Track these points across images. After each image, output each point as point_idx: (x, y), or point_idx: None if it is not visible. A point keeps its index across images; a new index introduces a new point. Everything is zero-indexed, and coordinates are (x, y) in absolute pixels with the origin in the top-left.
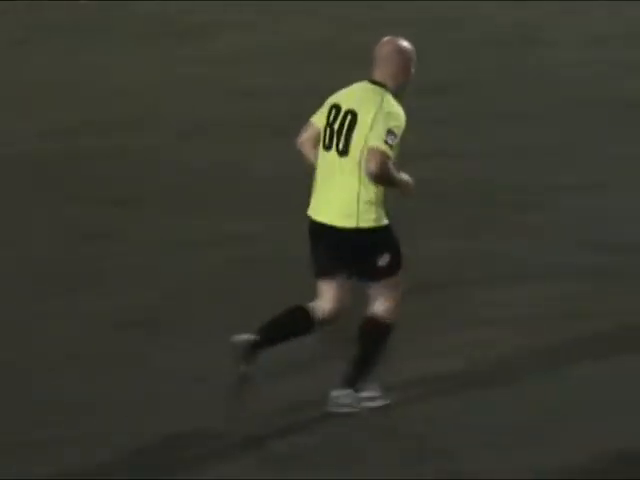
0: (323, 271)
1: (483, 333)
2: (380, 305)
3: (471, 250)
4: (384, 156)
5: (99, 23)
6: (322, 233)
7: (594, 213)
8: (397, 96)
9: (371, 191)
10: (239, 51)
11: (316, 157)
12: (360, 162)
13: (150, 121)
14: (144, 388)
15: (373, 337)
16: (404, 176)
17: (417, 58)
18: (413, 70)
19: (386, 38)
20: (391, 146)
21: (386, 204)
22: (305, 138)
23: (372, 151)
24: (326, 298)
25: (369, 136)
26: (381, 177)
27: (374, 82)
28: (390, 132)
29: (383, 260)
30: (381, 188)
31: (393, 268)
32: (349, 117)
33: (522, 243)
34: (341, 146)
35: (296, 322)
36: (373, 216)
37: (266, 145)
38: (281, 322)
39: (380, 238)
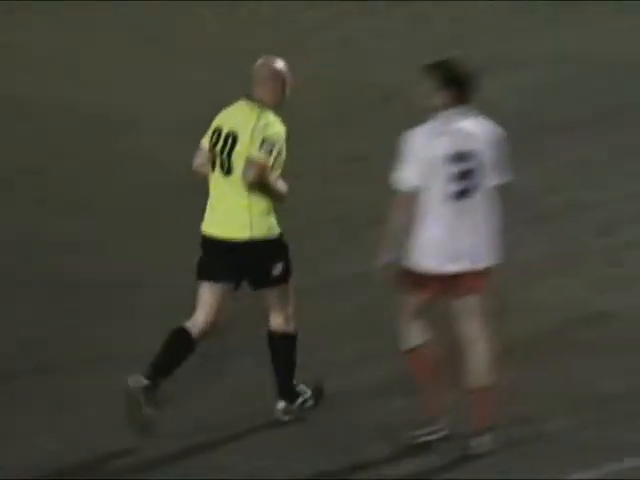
0: (208, 275)
1: None
2: (279, 317)
3: None
4: (260, 164)
5: None
6: (215, 245)
7: None
8: (275, 112)
9: (261, 203)
10: None
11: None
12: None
13: None
14: None
15: (284, 350)
16: (280, 185)
17: None
18: (288, 88)
19: (262, 58)
20: (269, 153)
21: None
22: (199, 164)
23: (249, 160)
24: (204, 305)
25: (249, 149)
26: (257, 184)
27: (252, 100)
28: (265, 141)
29: (276, 269)
30: (266, 198)
31: (286, 276)
32: (230, 139)
33: None
34: (226, 166)
35: (180, 345)
36: (265, 226)
37: None
38: (168, 352)
39: (273, 247)
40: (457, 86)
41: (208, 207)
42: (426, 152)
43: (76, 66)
